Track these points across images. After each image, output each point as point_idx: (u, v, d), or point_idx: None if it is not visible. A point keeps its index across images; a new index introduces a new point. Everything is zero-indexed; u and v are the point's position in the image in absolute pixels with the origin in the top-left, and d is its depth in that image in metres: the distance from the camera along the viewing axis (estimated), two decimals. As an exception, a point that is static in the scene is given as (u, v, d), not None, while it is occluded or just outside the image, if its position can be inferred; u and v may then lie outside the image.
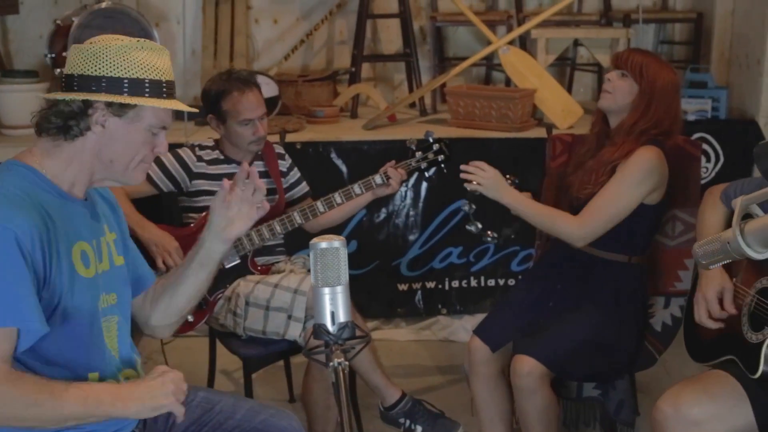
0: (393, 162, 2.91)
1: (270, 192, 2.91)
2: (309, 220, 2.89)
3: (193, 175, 2.85)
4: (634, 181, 2.47)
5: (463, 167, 2.61)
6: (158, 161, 2.83)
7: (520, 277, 3.80)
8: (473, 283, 3.92)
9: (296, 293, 2.66)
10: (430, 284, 3.93)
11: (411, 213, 3.87)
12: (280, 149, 3.04)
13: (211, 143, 2.94)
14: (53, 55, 4.13)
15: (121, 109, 1.71)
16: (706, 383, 2.10)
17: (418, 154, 2.96)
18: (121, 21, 4.19)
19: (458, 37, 4.70)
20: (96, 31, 4.13)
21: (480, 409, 2.65)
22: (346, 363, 1.36)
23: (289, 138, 3.81)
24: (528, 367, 2.43)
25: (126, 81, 1.68)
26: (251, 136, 2.83)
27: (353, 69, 4.33)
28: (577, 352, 2.49)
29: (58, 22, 4.21)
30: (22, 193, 1.67)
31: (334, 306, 1.40)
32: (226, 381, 3.41)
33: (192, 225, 2.85)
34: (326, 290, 1.39)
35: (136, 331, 2.03)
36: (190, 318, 2.77)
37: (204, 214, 2.83)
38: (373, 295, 3.91)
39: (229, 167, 2.88)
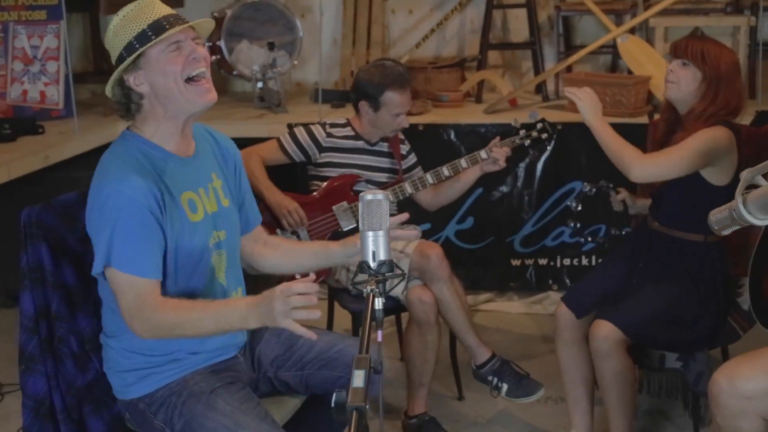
0: (498, 139, 3.16)
1: (390, 171, 3.24)
2: (419, 191, 3.19)
3: (322, 148, 3.20)
4: (696, 147, 2.58)
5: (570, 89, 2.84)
6: (292, 135, 3.21)
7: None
8: (584, 261, 4.09)
9: (401, 254, 2.95)
10: (542, 261, 4.13)
11: (525, 192, 4.08)
12: (401, 135, 3.35)
13: (343, 121, 3.27)
14: (209, 45, 4.61)
15: (136, 65, 2.02)
16: (765, 358, 2.15)
17: (522, 132, 3.20)
18: (268, 13, 4.64)
19: (584, 26, 4.83)
20: (247, 22, 4.64)
21: (564, 372, 2.85)
22: (377, 290, 1.62)
23: (414, 120, 4.10)
24: (605, 332, 2.60)
25: (134, 41, 1.99)
26: (396, 126, 3.17)
27: (480, 56, 4.57)
28: (654, 321, 2.64)
29: (215, 14, 4.69)
30: (136, 158, 2.04)
31: (376, 246, 1.66)
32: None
33: (315, 193, 3.20)
34: (370, 233, 1.66)
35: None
36: (313, 275, 3.14)
37: (326, 183, 3.19)
38: (487, 268, 4.17)
39: (357, 143, 3.23)
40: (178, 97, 2.04)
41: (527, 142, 3.23)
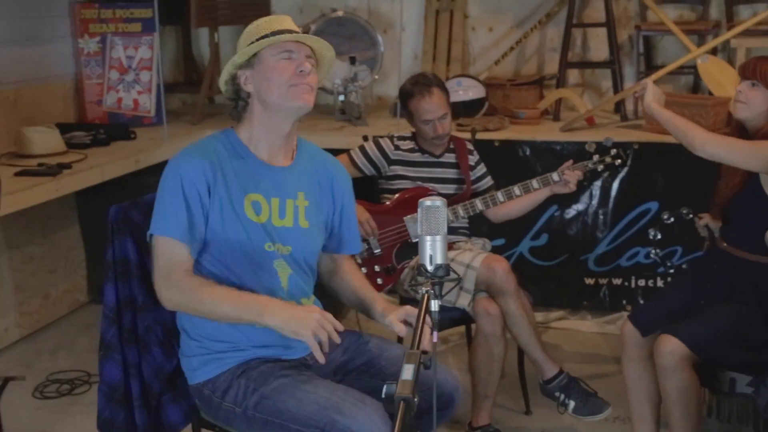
0: (570, 162, 3.18)
1: (458, 182, 3.30)
2: (489, 208, 3.24)
3: (390, 161, 3.29)
4: (764, 149, 2.59)
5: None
6: (362, 150, 3.30)
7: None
8: (659, 282, 4.06)
9: (468, 268, 3.00)
10: (617, 281, 4.12)
11: (600, 211, 4.08)
12: (470, 146, 3.40)
13: (409, 135, 3.36)
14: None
15: (249, 64, 2.16)
16: None
17: (595, 156, 3.23)
18: (351, 28, 4.77)
19: (666, 46, 4.80)
20: (330, 37, 4.74)
21: (629, 390, 2.85)
22: (433, 292, 1.69)
23: (490, 136, 4.16)
24: (670, 347, 2.59)
25: (255, 40, 2.14)
26: (432, 133, 3.22)
27: (558, 75, 4.59)
28: (721, 339, 2.61)
29: (302, 28, 4.83)
30: (207, 147, 2.19)
31: (433, 251, 1.73)
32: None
33: (387, 203, 3.28)
34: (428, 238, 1.72)
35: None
36: (380, 281, 3.23)
37: (399, 194, 3.26)
38: (560, 286, 4.18)
39: (422, 156, 3.30)
40: (280, 102, 2.16)
41: (600, 167, 3.25)
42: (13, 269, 3.99)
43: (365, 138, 3.49)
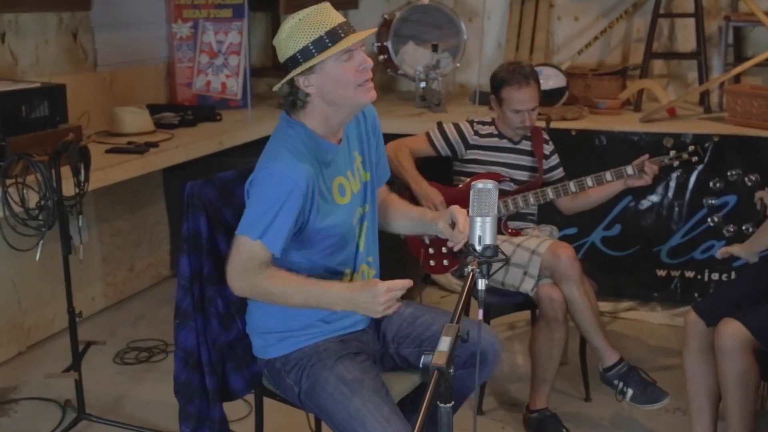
0: (647, 156, 3.19)
1: (531, 169, 3.34)
2: (560, 197, 3.28)
3: (468, 146, 3.35)
4: None
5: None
6: (441, 130, 3.38)
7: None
8: (734, 276, 4.00)
9: (533, 253, 3.04)
10: (689, 273, 4.08)
11: (676, 203, 4.04)
12: (546, 135, 3.44)
13: (489, 120, 3.41)
14: (378, 45, 4.86)
15: (310, 69, 2.15)
16: None
17: (672, 152, 3.23)
18: (434, 16, 4.84)
19: (757, 37, 4.69)
20: (414, 25, 4.85)
21: (688, 381, 2.83)
22: (480, 271, 1.75)
23: (567, 125, 4.17)
24: (731, 330, 2.57)
25: (311, 45, 2.10)
26: (519, 123, 3.27)
27: (642, 65, 4.55)
28: None
29: (385, 16, 4.94)
30: (303, 148, 2.21)
31: (483, 231, 1.79)
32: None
33: (460, 186, 3.34)
34: (478, 219, 1.79)
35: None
36: (446, 262, 3.31)
37: (468, 180, 3.33)
38: (631, 276, 4.16)
39: (500, 141, 3.35)
40: (347, 101, 2.21)
41: (676, 164, 3.24)
42: (102, 242, 4.23)
43: (439, 124, 3.55)
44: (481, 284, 1.78)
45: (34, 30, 3.78)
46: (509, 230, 3.30)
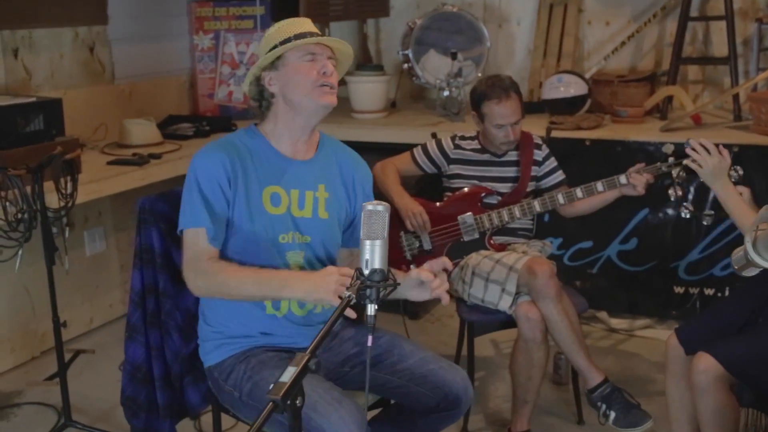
0: (642, 165, 3.05)
1: (512, 180, 3.24)
2: (547, 209, 3.17)
3: (450, 160, 3.28)
4: None
5: (693, 143, 2.66)
6: (424, 148, 3.32)
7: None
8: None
9: (511, 270, 2.95)
10: (709, 291, 3.88)
11: (694, 217, 3.85)
12: (538, 140, 3.32)
13: (473, 134, 3.33)
14: (403, 53, 4.82)
15: (274, 66, 2.25)
16: None
17: (671, 159, 3.06)
18: (457, 23, 4.75)
19: (795, 40, 4.44)
20: (435, 32, 4.79)
21: (670, 408, 2.71)
22: (353, 295, 1.69)
23: (583, 135, 4.03)
24: (704, 365, 2.43)
25: (277, 45, 2.24)
26: (502, 138, 3.18)
27: (670, 71, 4.36)
28: (764, 359, 2.42)
29: (410, 23, 4.88)
30: (230, 142, 2.30)
31: (371, 255, 1.74)
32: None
33: (438, 203, 3.27)
34: (367, 242, 1.74)
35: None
36: (429, 279, 3.23)
37: (455, 193, 3.25)
38: (648, 293, 4.00)
39: (482, 155, 3.27)
40: (305, 102, 2.27)
41: (675, 172, 3.08)
42: (119, 250, 4.33)
43: (433, 135, 3.49)
44: (371, 309, 1.73)
45: (48, 45, 3.90)
46: (492, 244, 3.21)
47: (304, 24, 2.31)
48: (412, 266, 3.25)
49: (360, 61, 5.24)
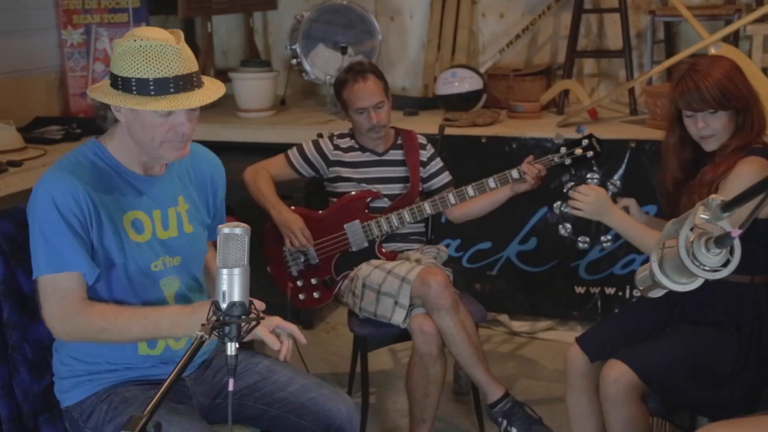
0: (531, 157, 2.89)
1: (402, 180, 3.04)
2: (439, 211, 2.98)
3: (330, 162, 3.05)
4: None
5: (571, 194, 2.50)
6: (300, 149, 3.07)
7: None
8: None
9: (403, 281, 2.75)
10: (610, 290, 3.78)
11: (593, 215, 3.74)
12: (422, 139, 3.13)
13: (347, 131, 3.11)
14: (292, 47, 4.57)
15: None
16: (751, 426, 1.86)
17: (563, 149, 2.92)
18: (346, 16, 4.54)
19: (690, 32, 4.38)
20: (324, 26, 4.55)
21: (572, 424, 2.55)
22: (206, 336, 1.45)
23: (477, 132, 3.88)
24: (616, 373, 2.29)
25: (133, 81, 1.86)
26: (366, 123, 2.96)
27: (565, 64, 4.25)
28: (678, 369, 2.30)
29: (297, 17, 4.64)
30: (79, 164, 1.97)
31: (229, 286, 1.50)
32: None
33: (321, 211, 3.04)
34: (224, 271, 1.49)
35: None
36: (317, 294, 3.01)
37: (339, 199, 3.03)
38: (548, 294, 3.88)
39: (363, 155, 3.05)
40: (147, 149, 2.00)
41: (568, 161, 2.93)
42: None
43: (320, 135, 3.25)
44: (231, 348, 1.50)
45: None
46: (384, 253, 3.00)
47: (172, 59, 1.88)
48: (299, 282, 3.03)
49: (246, 56, 4.96)
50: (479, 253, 3.91)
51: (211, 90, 1.97)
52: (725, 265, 1.28)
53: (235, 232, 1.51)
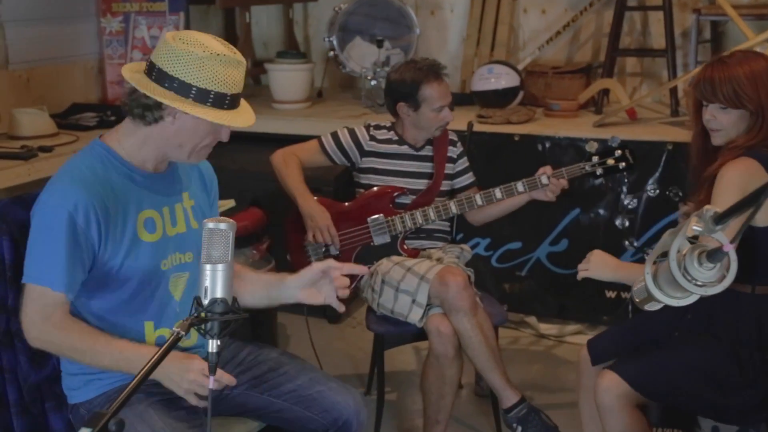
0: (549, 168, 2.85)
1: (427, 176, 2.99)
2: (465, 211, 2.94)
3: (364, 152, 3.01)
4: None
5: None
6: (334, 136, 3.03)
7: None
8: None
9: (422, 280, 2.71)
10: (641, 295, 3.67)
11: (627, 218, 3.65)
12: (453, 136, 3.08)
13: (387, 124, 3.07)
14: (328, 39, 4.54)
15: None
16: None
17: (595, 158, 2.86)
18: (385, 9, 4.49)
19: (735, 32, 4.24)
20: (361, 18, 4.51)
21: (583, 423, 2.53)
22: (183, 333, 1.43)
23: (512, 129, 3.80)
24: (608, 383, 2.26)
25: (194, 89, 1.85)
26: (441, 121, 2.93)
27: (605, 62, 4.14)
28: (674, 377, 2.26)
29: (335, 8, 4.60)
30: (90, 172, 1.94)
31: (211, 282, 1.47)
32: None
33: (346, 204, 3.01)
34: (208, 267, 1.46)
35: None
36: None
37: (364, 192, 3.00)
38: (578, 298, 3.79)
39: (400, 148, 3.01)
40: (185, 152, 1.99)
41: (599, 171, 2.87)
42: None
43: (344, 128, 3.21)
44: (212, 345, 1.47)
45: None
46: (405, 249, 2.96)
47: (234, 76, 1.89)
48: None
49: (285, 47, 4.95)
50: (509, 252, 3.84)
51: (249, 112, 2.00)
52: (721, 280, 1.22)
53: (220, 228, 1.48)
